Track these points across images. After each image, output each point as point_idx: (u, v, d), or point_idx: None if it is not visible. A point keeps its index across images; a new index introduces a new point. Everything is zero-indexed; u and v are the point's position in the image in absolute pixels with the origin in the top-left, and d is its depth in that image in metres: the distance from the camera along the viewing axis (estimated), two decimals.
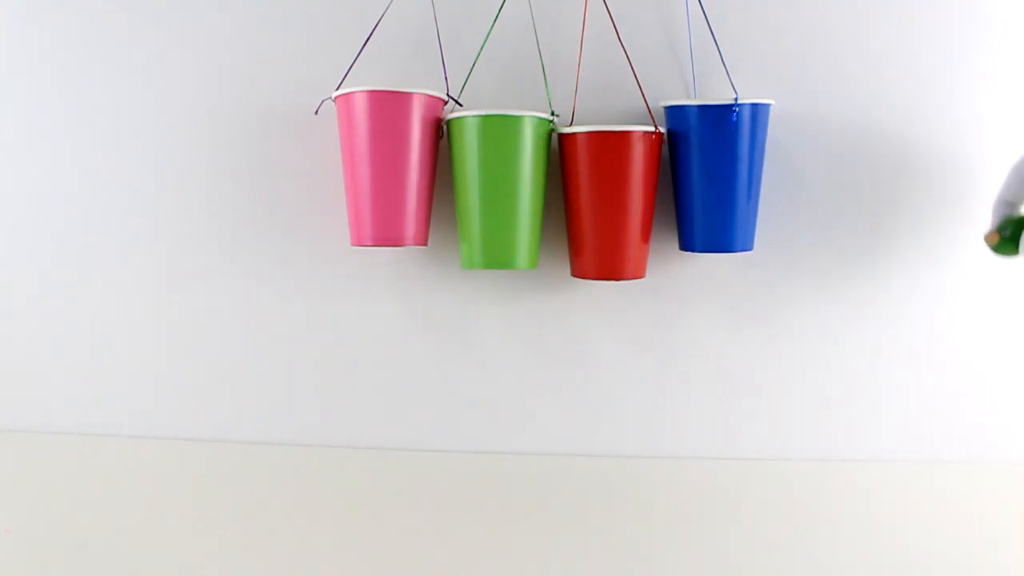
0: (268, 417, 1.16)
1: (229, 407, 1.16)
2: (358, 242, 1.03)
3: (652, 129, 1.02)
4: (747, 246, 1.05)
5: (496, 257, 1.02)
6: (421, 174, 1.02)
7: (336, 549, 0.85)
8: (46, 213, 1.16)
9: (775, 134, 1.07)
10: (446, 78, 1.07)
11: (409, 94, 0.99)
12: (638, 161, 1.01)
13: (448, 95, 1.05)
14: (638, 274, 1.05)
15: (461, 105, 1.06)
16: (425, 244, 1.05)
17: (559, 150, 1.05)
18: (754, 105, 1.02)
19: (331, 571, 0.80)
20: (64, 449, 1.12)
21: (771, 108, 1.04)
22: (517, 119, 1.00)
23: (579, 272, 1.06)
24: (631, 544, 0.87)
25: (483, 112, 1.00)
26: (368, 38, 1.07)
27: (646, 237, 1.05)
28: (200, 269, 1.15)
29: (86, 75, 1.14)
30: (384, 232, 1.01)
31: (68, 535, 0.86)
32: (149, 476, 1.03)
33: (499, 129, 1.00)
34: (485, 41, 1.08)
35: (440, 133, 1.04)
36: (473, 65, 1.08)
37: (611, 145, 1.01)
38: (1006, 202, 0.97)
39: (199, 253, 1.15)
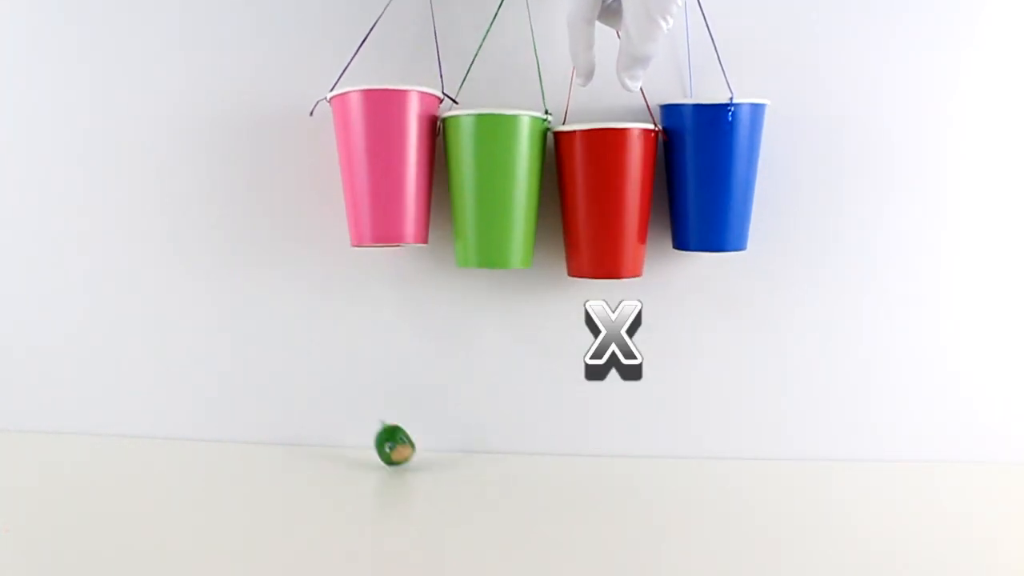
0: (267, 417, 1.16)
1: (228, 407, 1.16)
2: (358, 242, 1.04)
3: (651, 127, 1.02)
4: (740, 245, 1.05)
5: (490, 256, 1.02)
6: (419, 172, 1.02)
7: (334, 549, 0.85)
8: (44, 214, 1.17)
9: (770, 134, 1.07)
10: (441, 77, 1.08)
11: (404, 92, 1.00)
12: (635, 159, 1.01)
13: (444, 93, 1.06)
14: (635, 273, 1.05)
15: (457, 103, 1.07)
16: (425, 242, 1.05)
17: (555, 149, 1.06)
18: (749, 105, 1.02)
19: (329, 571, 0.80)
20: (64, 449, 1.12)
21: (766, 108, 1.04)
22: (513, 118, 1.00)
23: (576, 271, 1.06)
24: (629, 544, 0.87)
25: (478, 111, 1.00)
26: (365, 38, 1.08)
27: (643, 236, 1.05)
28: (198, 270, 1.16)
29: (81, 74, 1.15)
30: (383, 231, 1.01)
31: (68, 535, 0.86)
32: (149, 476, 1.03)
33: (494, 128, 1.00)
34: (483, 41, 1.09)
35: (436, 131, 1.05)
36: (471, 65, 1.09)
37: (608, 143, 1.01)
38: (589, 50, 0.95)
39: (197, 254, 1.16)
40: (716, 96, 1.06)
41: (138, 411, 1.17)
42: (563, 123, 1.08)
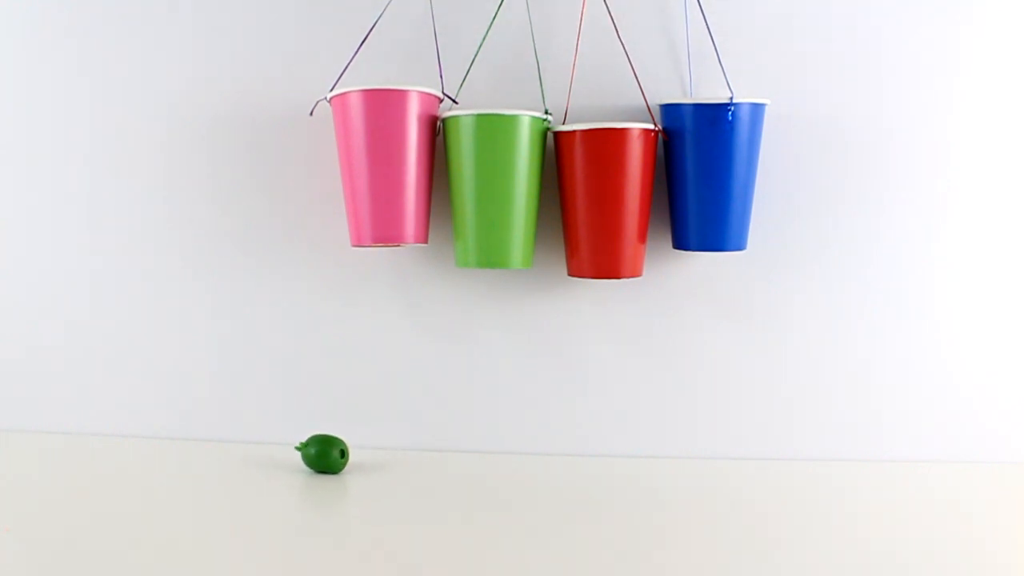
0: (266, 417, 1.16)
1: (227, 407, 1.16)
2: (358, 242, 1.04)
3: (651, 127, 1.02)
4: (740, 245, 1.05)
5: (490, 256, 1.02)
6: (419, 172, 1.02)
7: (333, 549, 0.85)
8: (44, 213, 1.17)
9: (770, 134, 1.07)
10: (441, 77, 1.08)
11: (404, 92, 1.00)
12: (635, 159, 1.02)
13: (444, 93, 1.06)
14: (635, 273, 1.05)
15: (457, 103, 1.07)
16: (425, 242, 1.05)
17: (555, 148, 1.06)
18: (749, 105, 1.02)
19: (328, 571, 0.80)
20: (64, 449, 1.12)
21: (766, 108, 1.04)
22: (512, 118, 1.00)
23: (576, 271, 1.06)
24: (629, 544, 0.87)
25: (478, 111, 1.00)
26: (365, 38, 1.08)
27: (643, 236, 1.05)
28: (198, 270, 1.16)
29: (81, 76, 1.15)
30: (383, 231, 1.02)
31: (68, 535, 0.86)
32: (148, 476, 1.03)
33: (494, 128, 1.00)
34: (483, 41, 1.09)
35: (436, 131, 1.05)
36: (471, 65, 1.09)
37: (609, 143, 1.01)
38: None
39: (197, 254, 1.16)
40: (716, 96, 1.06)
41: (136, 411, 1.17)
42: (563, 123, 1.08)
